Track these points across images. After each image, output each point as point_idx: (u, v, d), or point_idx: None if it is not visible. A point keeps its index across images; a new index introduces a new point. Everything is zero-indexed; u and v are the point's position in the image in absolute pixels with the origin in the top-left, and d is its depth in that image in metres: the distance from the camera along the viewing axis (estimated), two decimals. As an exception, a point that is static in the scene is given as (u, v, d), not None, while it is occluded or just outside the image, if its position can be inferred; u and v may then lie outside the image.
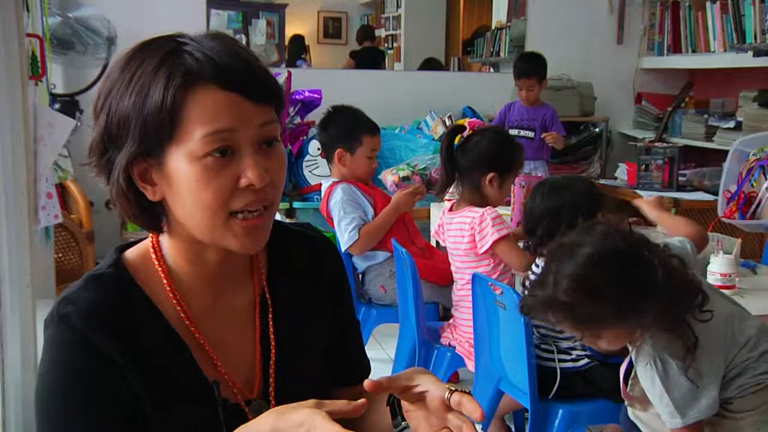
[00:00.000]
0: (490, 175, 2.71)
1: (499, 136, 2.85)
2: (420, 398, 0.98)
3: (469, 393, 0.96)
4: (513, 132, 4.27)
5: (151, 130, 0.94)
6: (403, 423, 1.08)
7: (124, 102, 0.95)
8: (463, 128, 2.80)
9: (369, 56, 6.44)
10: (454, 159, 2.76)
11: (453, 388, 0.96)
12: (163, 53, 0.96)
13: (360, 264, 3.34)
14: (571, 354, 2.38)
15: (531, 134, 4.37)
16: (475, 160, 2.73)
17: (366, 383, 0.94)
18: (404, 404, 1.02)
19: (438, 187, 2.90)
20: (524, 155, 2.92)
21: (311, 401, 0.90)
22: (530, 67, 4.44)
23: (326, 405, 0.89)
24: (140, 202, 1.00)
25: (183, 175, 0.96)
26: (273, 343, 1.09)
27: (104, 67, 3.99)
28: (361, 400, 0.91)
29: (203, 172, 0.95)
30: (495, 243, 2.62)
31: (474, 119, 2.94)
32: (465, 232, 2.71)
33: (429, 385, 0.97)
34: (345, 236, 3.22)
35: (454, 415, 0.95)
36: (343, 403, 0.90)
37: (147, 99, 0.94)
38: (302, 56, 6.31)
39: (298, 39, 6.35)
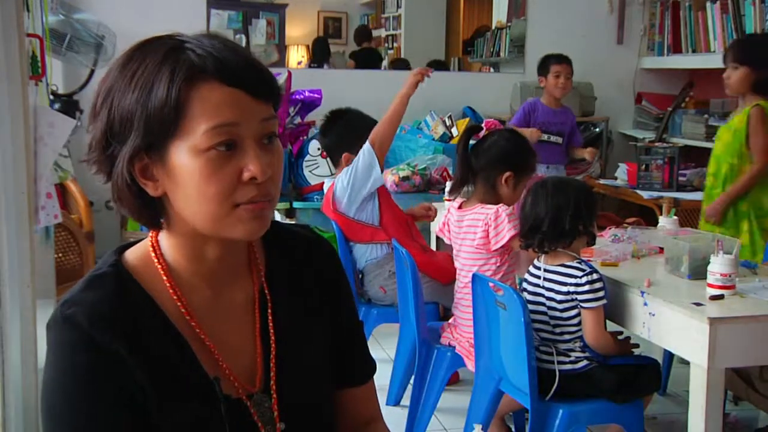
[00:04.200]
0: (507, 174, 2.73)
1: (517, 138, 2.88)
2: None
3: None
4: (543, 136, 4.23)
5: (155, 124, 0.96)
6: None
7: (126, 98, 0.97)
8: (479, 128, 2.83)
9: (368, 57, 6.45)
10: (468, 158, 2.77)
11: None
12: (165, 50, 0.97)
13: (359, 258, 3.32)
14: (569, 356, 2.38)
15: (560, 140, 4.34)
16: (493, 158, 2.74)
17: None
18: None
19: (452, 185, 2.91)
20: (540, 160, 2.93)
21: None
22: (565, 56, 4.34)
23: None
24: (141, 197, 1.02)
25: (186, 169, 0.97)
26: (273, 338, 1.10)
27: (92, 70, 4.00)
28: None
29: (206, 166, 0.96)
30: (512, 238, 2.62)
31: (490, 120, 2.97)
32: (478, 228, 2.70)
33: None
34: (369, 174, 3.16)
35: None
36: None
37: (151, 94, 0.95)
38: (328, 59, 6.33)
39: (321, 42, 6.37)
